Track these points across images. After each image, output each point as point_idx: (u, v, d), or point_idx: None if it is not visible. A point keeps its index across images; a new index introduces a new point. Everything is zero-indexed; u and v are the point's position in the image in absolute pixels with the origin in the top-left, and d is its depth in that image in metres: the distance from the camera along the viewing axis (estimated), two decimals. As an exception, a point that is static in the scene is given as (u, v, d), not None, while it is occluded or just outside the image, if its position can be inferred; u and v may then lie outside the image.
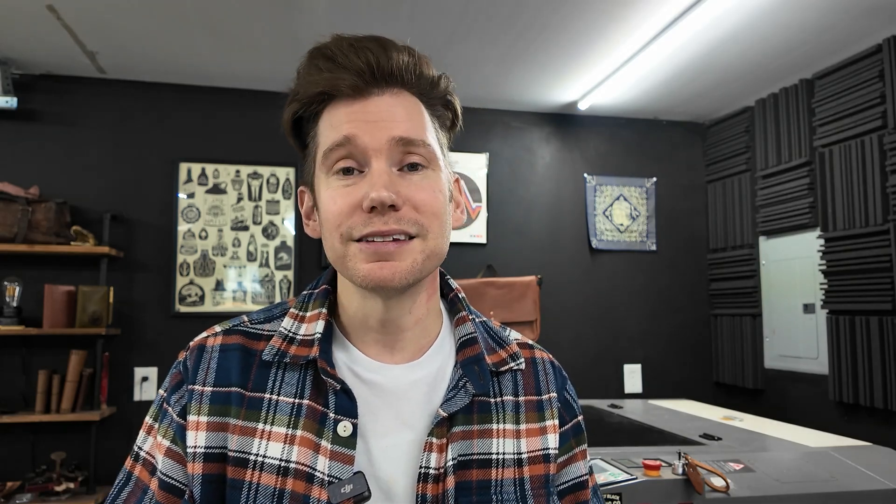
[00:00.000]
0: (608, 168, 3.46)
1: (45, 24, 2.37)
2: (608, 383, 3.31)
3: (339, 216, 0.62)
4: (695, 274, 3.50)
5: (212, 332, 0.70)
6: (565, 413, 0.75)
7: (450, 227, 0.68)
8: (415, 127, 0.64)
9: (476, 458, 0.66)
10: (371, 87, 0.63)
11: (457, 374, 0.68)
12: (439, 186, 0.65)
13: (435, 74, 0.67)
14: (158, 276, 2.93)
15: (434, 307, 0.72)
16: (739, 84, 2.99)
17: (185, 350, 0.69)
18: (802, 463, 1.62)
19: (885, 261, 2.41)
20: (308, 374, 0.66)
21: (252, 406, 0.64)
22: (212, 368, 0.66)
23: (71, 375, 2.63)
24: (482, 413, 0.68)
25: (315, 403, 0.64)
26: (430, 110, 0.67)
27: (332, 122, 0.64)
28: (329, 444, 0.62)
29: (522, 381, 0.73)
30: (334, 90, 0.63)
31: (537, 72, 2.87)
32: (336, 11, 2.29)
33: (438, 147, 0.67)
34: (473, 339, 0.71)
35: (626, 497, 1.41)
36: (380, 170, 0.61)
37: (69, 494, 2.55)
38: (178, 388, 0.66)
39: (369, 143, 0.62)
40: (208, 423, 0.63)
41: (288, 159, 3.09)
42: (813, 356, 2.82)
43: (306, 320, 0.69)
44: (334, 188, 0.63)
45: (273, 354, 0.66)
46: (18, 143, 2.83)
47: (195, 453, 0.62)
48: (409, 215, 0.62)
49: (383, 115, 0.62)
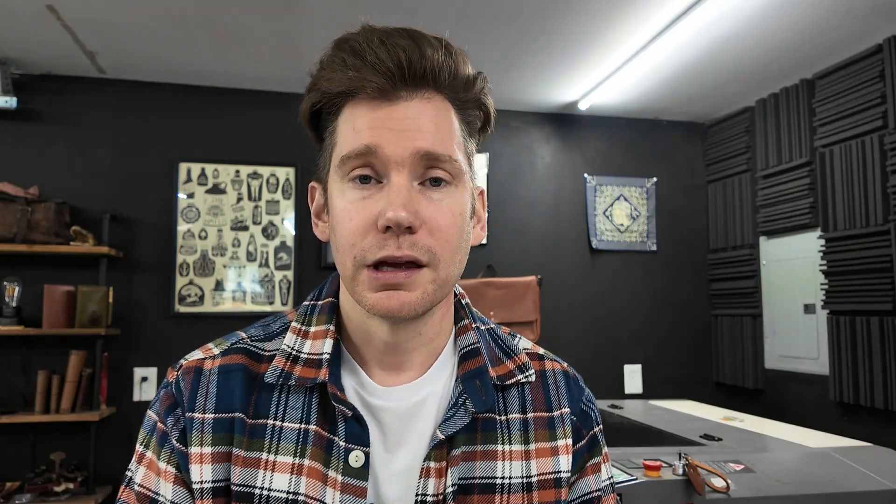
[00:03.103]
0: (608, 168, 3.46)
1: (45, 24, 2.36)
2: (608, 383, 3.31)
3: (354, 235, 0.58)
4: (695, 274, 3.50)
5: (208, 353, 0.64)
6: (582, 427, 0.69)
7: (466, 248, 0.63)
8: (442, 140, 0.58)
9: (478, 483, 0.61)
10: (399, 90, 0.58)
11: (456, 390, 0.63)
12: (460, 207, 0.60)
13: (471, 74, 0.61)
14: (158, 277, 2.93)
15: (447, 326, 0.68)
16: (740, 84, 2.99)
17: (174, 369, 0.64)
18: (803, 463, 1.62)
19: (886, 261, 2.41)
20: (314, 397, 0.62)
21: (255, 434, 0.60)
22: (211, 393, 0.61)
23: (70, 376, 2.63)
24: (486, 432, 0.64)
25: (322, 430, 0.60)
26: (461, 115, 0.62)
27: (353, 124, 0.58)
28: (339, 475, 0.58)
29: (531, 395, 0.67)
30: (359, 91, 0.58)
31: (537, 72, 2.86)
32: (336, 11, 2.29)
33: (465, 161, 0.62)
34: (476, 351, 0.66)
35: (626, 498, 1.41)
36: (399, 185, 0.56)
37: (69, 495, 2.54)
38: (173, 410, 0.61)
39: (392, 155, 0.57)
40: (213, 454, 0.59)
41: (288, 159, 3.08)
42: (813, 356, 2.81)
43: (311, 336, 0.64)
44: (349, 200, 0.58)
45: (277, 376, 0.61)
46: (18, 143, 2.83)
47: (202, 489, 0.58)
48: (423, 241, 0.57)
49: (409, 125, 0.57)
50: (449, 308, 0.68)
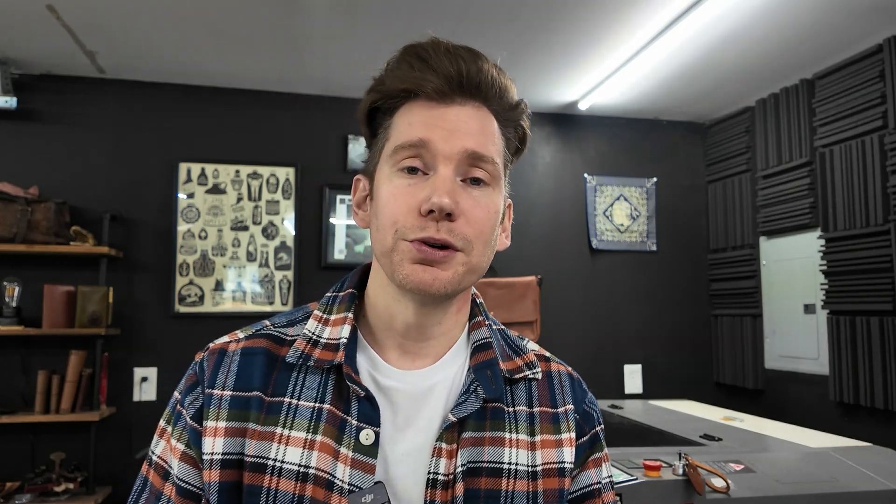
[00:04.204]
0: (608, 168, 3.46)
1: (45, 24, 2.36)
2: (608, 383, 3.31)
3: (397, 214, 0.62)
4: (695, 274, 3.50)
5: (234, 336, 0.69)
6: (584, 425, 0.73)
7: (494, 247, 0.68)
8: (486, 143, 0.64)
9: (486, 466, 0.65)
10: (455, 95, 0.64)
11: (469, 378, 0.67)
12: (495, 207, 0.66)
13: (515, 99, 0.69)
14: (158, 277, 2.93)
15: (462, 320, 0.72)
16: (740, 84, 2.99)
17: (202, 351, 0.68)
18: (803, 463, 1.62)
19: (886, 261, 2.41)
20: (330, 379, 0.65)
21: (271, 410, 0.63)
22: (232, 372, 0.65)
23: (70, 376, 2.63)
24: (495, 420, 0.67)
25: (336, 409, 0.64)
26: (503, 130, 0.68)
27: (409, 119, 0.64)
28: (350, 451, 0.62)
29: (537, 391, 0.72)
30: (420, 90, 0.64)
31: (537, 72, 2.86)
32: (336, 12, 2.29)
33: (503, 167, 0.68)
34: (488, 344, 0.71)
35: (626, 498, 1.41)
36: (445, 176, 0.62)
37: (68, 495, 2.54)
38: (193, 389, 0.65)
39: (441, 150, 0.62)
40: (227, 428, 0.62)
41: (288, 159, 3.08)
42: (813, 357, 2.81)
43: (331, 323, 0.68)
44: (396, 185, 0.63)
45: (297, 357, 0.66)
46: (18, 143, 2.83)
47: (211, 460, 0.61)
48: (460, 229, 0.62)
49: (461, 126, 0.63)
50: (466, 302, 0.73)
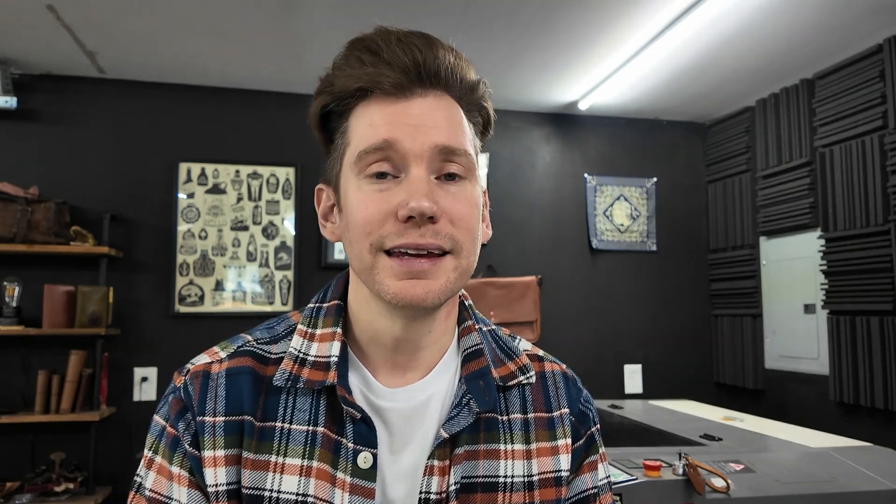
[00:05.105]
0: (608, 168, 3.46)
1: (45, 24, 2.36)
2: (608, 383, 3.31)
3: (370, 223, 0.57)
4: (695, 274, 3.50)
5: (214, 356, 0.64)
6: (580, 427, 0.70)
7: (479, 243, 0.64)
8: (456, 135, 0.60)
9: (481, 482, 0.62)
10: (415, 87, 0.59)
11: (461, 390, 0.64)
12: (475, 200, 0.62)
13: (475, 78, 0.64)
14: (158, 277, 2.93)
15: (451, 326, 0.68)
16: (740, 84, 2.99)
17: (180, 374, 0.63)
18: (803, 463, 1.61)
19: (886, 261, 2.41)
20: (321, 399, 0.62)
21: (263, 437, 0.60)
22: (220, 396, 0.60)
23: (70, 376, 2.63)
24: (489, 431, 0.64)
25: (329, 432, 0.60)
26: (468, 116, 0.64)
27: (369, 120, 0.59)
28: (348, 476, 0.59)
29: (531, 396, 0.68)
30: (376, 86, 0.58)
31: (537, 72, 2.86)
32: (336, 11, 2.29)
33: (475, 157, 0.63)
34: (479, 352, 0.67)
35: (626, 497, 1.41)
36: (419, 177, 0.57)
37: (68, 495, 2.54)
38: (183, 415, 0.60)
39: (410, 149, 0.57)
40: (226, 457, 0.59)
41: (288, 159, 3.08)
42: (813, 356, 2.81)
43: (317, 338, 0.64)
44: (366, 192, 0.58)
45: (285, 379, 0.61)
46: (18, 143, 2.83)
47: (217, 492, 0.58)
48: (445, 229, 0.58)
49: (426, 120, 0.58)
50: (454, 306, 0.69)
